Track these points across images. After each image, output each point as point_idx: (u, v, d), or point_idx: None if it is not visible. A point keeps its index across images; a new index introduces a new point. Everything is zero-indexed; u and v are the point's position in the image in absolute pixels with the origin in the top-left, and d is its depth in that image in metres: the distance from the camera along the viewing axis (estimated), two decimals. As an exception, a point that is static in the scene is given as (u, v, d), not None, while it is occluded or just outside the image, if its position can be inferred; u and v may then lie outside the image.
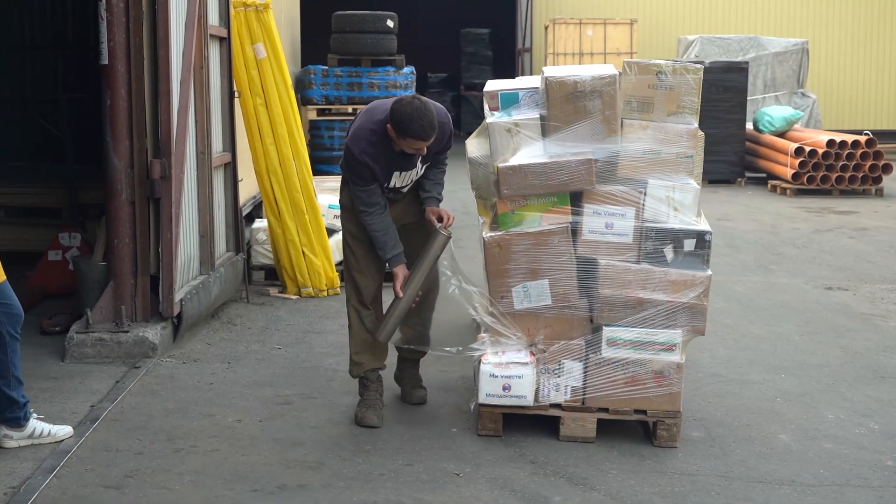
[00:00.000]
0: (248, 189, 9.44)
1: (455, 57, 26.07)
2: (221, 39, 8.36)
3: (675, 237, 5.46)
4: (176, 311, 6.88)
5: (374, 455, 5.27)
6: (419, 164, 5.66)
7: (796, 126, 16.91)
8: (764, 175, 16.94)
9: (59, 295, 8.12)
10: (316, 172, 13.71)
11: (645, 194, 5.48)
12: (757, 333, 7.85)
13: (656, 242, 5.47)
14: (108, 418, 5.66)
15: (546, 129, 5.51)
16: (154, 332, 6.73)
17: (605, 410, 5.54)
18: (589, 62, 19.61)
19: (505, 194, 5.47)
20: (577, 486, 4.97)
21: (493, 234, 5.53)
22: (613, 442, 5.51)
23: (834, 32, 22.00)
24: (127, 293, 6.79)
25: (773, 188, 16.17)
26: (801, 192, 15.62)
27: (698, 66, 5.64)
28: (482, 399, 5.50)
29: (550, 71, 5.58)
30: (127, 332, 6.68)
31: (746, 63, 16.98)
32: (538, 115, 5.54)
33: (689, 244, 5.47)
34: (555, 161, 5.43)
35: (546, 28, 20.50)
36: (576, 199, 5.49)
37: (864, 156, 15.50)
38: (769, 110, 17.04)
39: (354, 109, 13.71)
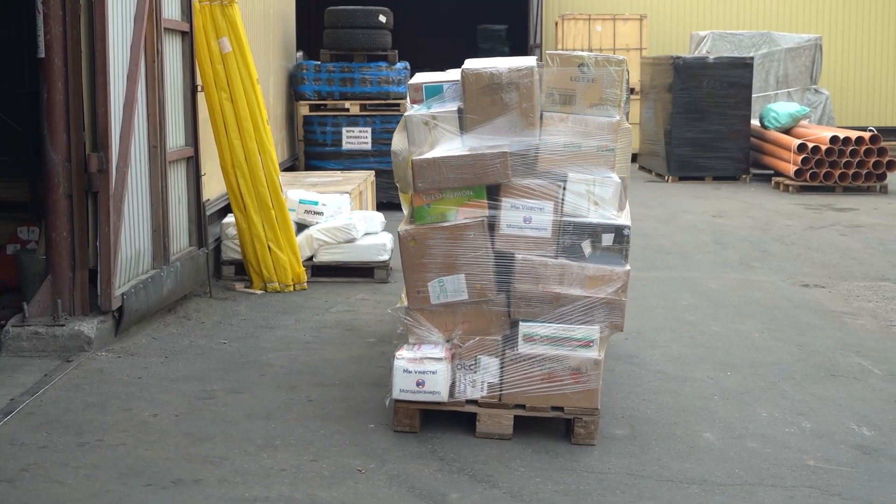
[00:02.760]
0: (222, 184, 9.39)
1: (472, 53, 25.97)
2: (183, 33, 8.34)
3: (594, 232, 5.37)
4: (116, 304, 6.85)
5: (281, 450, 5.21)
6: None
7: (802, 122, 16.70)
8: (770, 172, 16.74)
9: (19, 289, 8.12)
10: (308, 167, 13.71)
11: (564, 188, 5.40)
12: (716, 331, 7.71)
13: (574, 237, 5.38)
14: (24, 412, 5.64)
15: (464, 121, 5.44)
16: (90, 326, 6.70)
17: (522, 407, 5.45)
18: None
19: (420, 188, 5.40)
20: (479, 484, 4.88)
21: (408, 228, 5.47)
22: (531, 439, 5.42)
23: (848, 28, 21.70)
24: (65, 287, 6.77)
25: (777, 185, 15.96)
26: (803, 189, 15.43)
27: (621, 58, 5.54)
28: (396, 395, 5.43)
29: (469, 63, 5.51)
30: (63, 325, 6.66)
31: (751, 58, 16.76)
32: (456, 108, 5.47)
33: (607, 239, 5.38)
34: (469, 154, 5.36)
35: (556, 24, 20.36)
36: (494, 193, 5.42)
37: (868, 152, 15.27)
38: (775, 106, 16.83)
39: (349, 105, 13.66)
